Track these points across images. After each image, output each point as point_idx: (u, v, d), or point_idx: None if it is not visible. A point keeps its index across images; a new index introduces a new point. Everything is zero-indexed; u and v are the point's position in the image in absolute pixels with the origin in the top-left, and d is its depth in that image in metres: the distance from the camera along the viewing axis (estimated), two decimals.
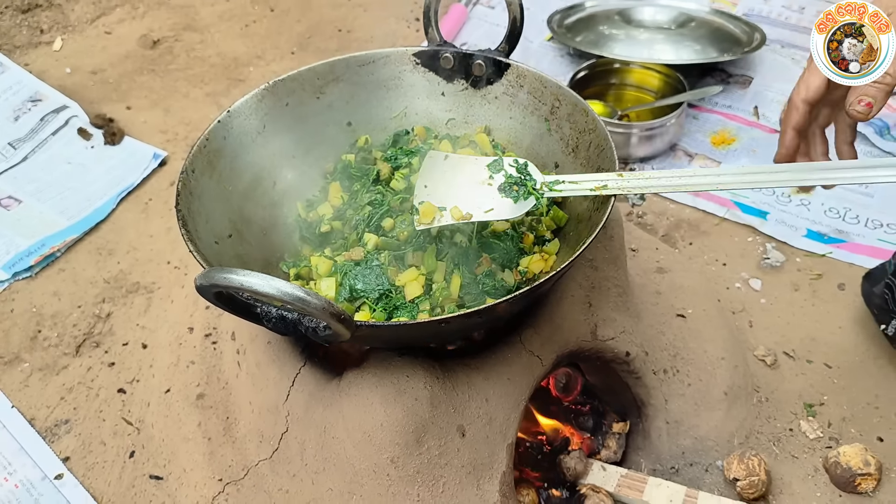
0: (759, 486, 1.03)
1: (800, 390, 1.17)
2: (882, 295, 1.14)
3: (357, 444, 0.88)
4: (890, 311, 1.14)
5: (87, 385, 1.23)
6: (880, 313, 1.17)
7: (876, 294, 1.16)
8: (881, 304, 1.15)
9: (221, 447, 1.06)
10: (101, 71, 1.91)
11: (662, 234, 1.45)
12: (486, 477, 0.92)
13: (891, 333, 1.15)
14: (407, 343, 0.90)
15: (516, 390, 0.94)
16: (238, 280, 0.66)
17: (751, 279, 1.35)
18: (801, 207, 1.48)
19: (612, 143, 0.94)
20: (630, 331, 1.07)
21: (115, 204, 1.55)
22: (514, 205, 0.90)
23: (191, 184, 0.93)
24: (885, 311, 1.15)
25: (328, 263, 0.94)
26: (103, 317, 1.34)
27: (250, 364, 1.04)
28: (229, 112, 1.02)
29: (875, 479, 1.04)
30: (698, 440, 1.10)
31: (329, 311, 0.68)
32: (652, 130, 1.56)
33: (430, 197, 0.91)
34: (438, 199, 0.91)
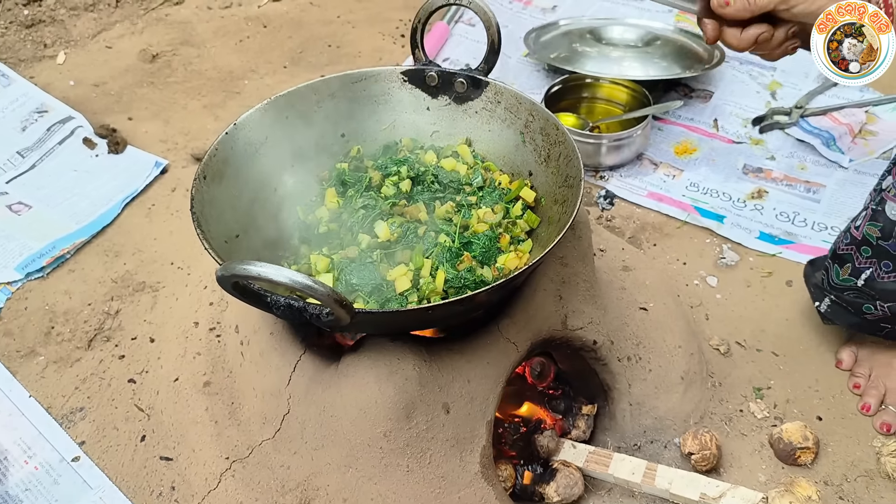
0: (711, 458, 1.14)
1: (749, 376, 1.29)
2: (820, 276, 1.26)
3: (353, 420, 0.98)
4: (824, 289, 1.24)
5: (100, 376, 1.32)
6: (816, 291, 1.27)
7: (815, 275, 1.28)
8: (817, 283, 1.26)
9: (228, 429, 1.13)
10: (104, 83, 1.98)
11: (629, 236, 1.57)
12: (468, 450, 1.02)
13: (822, 310, 1.26)
14: (398, 329, 1.00)
15: (495, 372, 1.04)
16: (255, 271, 0.76)
17: (708, 277, 1.47)
18: (755, 212, 1.61)
19: (578, 154, 1.04)
20: (597, 321, 1.18)
21: (120, 209, 1.62)
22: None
23: (203, 189, 1.01)
24: (819, 289, 1.25)
25: (326, 261, 1.02)
26: (112, 313, 1.42)
27: (254, 353, 1.13)
28: (236, 125, 1.10)
29: (813, 453, 1.16)
30: (658, 420, 1.21)
31: (333, 297, 0.78)
32: (620, 141, 1.68)
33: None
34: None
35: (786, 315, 1.38)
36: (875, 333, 1.23)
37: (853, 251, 1.16)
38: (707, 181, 1.68)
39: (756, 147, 1.76)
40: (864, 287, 1.16)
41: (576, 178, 1.03)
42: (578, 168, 1.03)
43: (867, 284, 1.15)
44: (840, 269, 1.19)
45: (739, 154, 1.74)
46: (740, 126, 1.81)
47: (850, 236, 1.17)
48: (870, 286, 1.15)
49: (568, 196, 1.05)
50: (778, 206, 1.61)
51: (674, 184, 1.68)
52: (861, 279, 1.16)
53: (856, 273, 1.16)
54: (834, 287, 1.21)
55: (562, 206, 1.06)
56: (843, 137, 1.71)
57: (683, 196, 1.64)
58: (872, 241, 1.12)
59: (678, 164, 1.73)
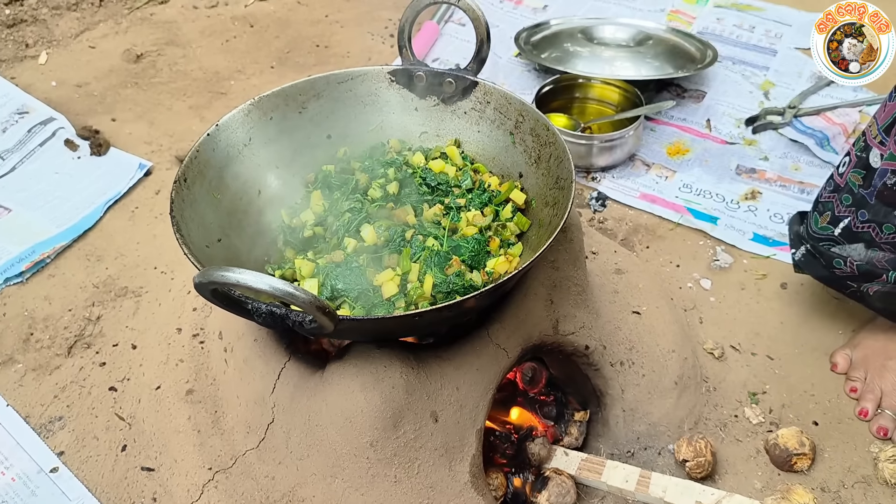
0: (706, 465, 1.12)
1: (744, 380, 1.27)
2: (802, 223, 1.24)
3: (339, 429, 0.95)
4: (802, 237, 1.22)
5: (80, 384, 1.29)
6: (794, 239, 1.25)
7: (797, 223, 1.26)
8: (797, 230, 1.25)
9: (211, 438, 1.12)
10: (86, 84, 1.95)
11: (622, 239, 1.55)
12: (457, 459, 1.00)
13: (796, 258, 1.25)
14: (385, 336, 0.98)
15: (485, 379, 1.02)
16: (234, 277, 0.74)
17: (701, 279, 1.45)
18: (749, 213, 1.59)
19: (569, 155, 1.02)
20: (589, 326, 1.16)
21: (102, 212, 1.60)
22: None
23: (183, 192, 0.99)
24: (798, 237, 1.24)
25: (311, 266, 1.00)
26: (93, 319, 1.39)
27: (237, 360, 1.11)
28: (217, 126, 1.08)
29: (809, 459, 1.14)
30: (652, 426, 1.19)
31: (315, 305, 0.76)
32: (612, 142, 1.66)
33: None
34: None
35: (780, 318, 1.37)
36: (840, 290, 1.22)
37: (834, 199, 1.14)
38: (700, 182, 1.66)
39: (749, 147, 1.75)
40: (839, 236, 1.14)
41: (567, 180, 1.01)
42: (569, 169, 1.01)
43: (843, 234, 1.13)
44: (819, 217, 1.17)
45: (733, 155, 1.73)
46: (733, 126, 1.80)
47: (832, 183, 1.15)
48: (845, 236, 1.13)
49: (559, 198, 1.03)
50: (772, 208, 1.59)
51: (666, 185, 1.66)
52: (839, 228, 1.13)
53: (834, 221, 1.14)
54: (812, 235, 1.19)
55: (553, 209, 1.04)
56: (836, 137, 1.70)
57: (676, 197, 1.62)
58: (854, 188, 1.09)
59: (671, 165, 1.71)
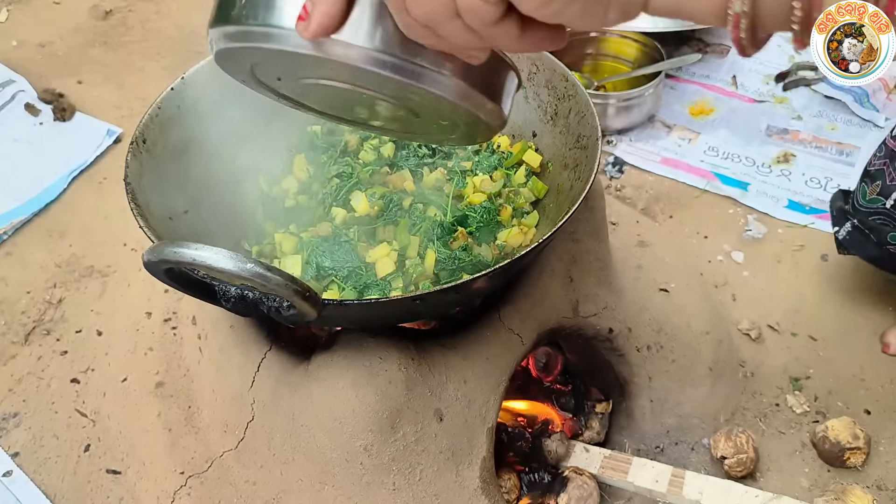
0: (748, 463, 1.00)
1: (785, 364, 1.15)
2: (846, 199, 1.14)
3: (327, 431, 0.83)
4: (847, 213, 1.12)
5: (38, 375, 1.17)
6: (838, 216, 1.14)
7: (840, 199, 1.15)
8: (842, 206, 1.14)
9: (183, 438, 1.00)
10: (50, 44, 1.83)
11: (642, 208, 1.42)
12: (465, 463, 0.88)
13: (840, 237, 1.13)
14: (379, 323, 0.86)
15: (496, 371, 0.90)
16: (190, 254, 0.60)
17: (733, 252, 1.32)
18: (782, 178, 1.45)
19: (593, 109, 0.90)
20: (612, 306, 1.04)
21: (66, 183, 1.49)
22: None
23: (141, 155, 0.88)
24: (842, 213, 1.13)
25: (293, 240, 0.90)
26: (55, 303, 1.27)
27: (212, 349, 0.99)
28: (183, 79, 0.97)
29: (864, 453, 1.02)
30: (683, 418, 1.07)
31: (292, 288, 0.62)
32: (630, 101, 1.52)
33: None
34: None
35: (822, 294, 1.24)
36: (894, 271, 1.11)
37: (886, 166, 1.04)
38: (727, 145, 1.54)
39: (780, 106, 1.62)
40: (892, 209, 1.04)
41: (590, 138, 0.90)
42: (594, 125, 0.89)
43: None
44: (868, 188, 1.07)
45: (762, 114, 1.60)
46: (762, 83, 1.67)
47: (884, 148, 1.05)
48: None
49: (581, 159, 0.91)
50: (807, 172, 1.47)
51: (690, 148, 1.53)
52: (891, 199, 1.04)
53: (886, 192, 1.04)
54: (859, 209, 1.09)
55: (573, 172, 0.93)
56: (877, 93, 1.57)
57: (701, 162, 1.50)
58: None
59: (694, 127, 1.59)
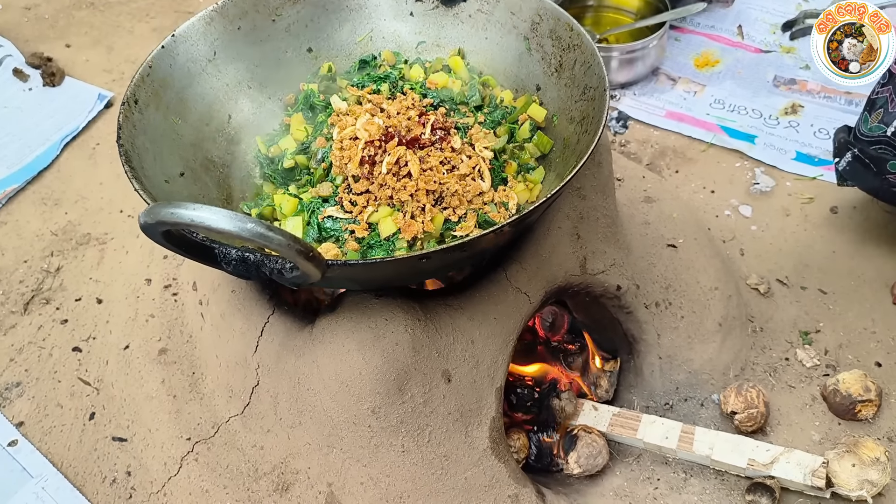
0: (759, 418, 0.99)
1: (794, 318, 1.13)
2: (848, 132, 1.13)
3: (334, 395, 0.82)
4: (848, 143, 1.11)
5: (39, 345, 1.16)
6: (839, 147, 1.14)
7: (843, 132, 1.15)
8: (843, 137, 1.13)
9: (188, 404, 1.00)
10: (36, 6, 1.78)
11: (647, 163, 1.39)
12: (474, 423, 0.87)
13: (840, 167, 1.13)
14: (384, 283, 0.83)
15: (503, 330, 0.88)
16: (188, 215, 0.58)
17: (740, 206, 1.29)
18: (790, 129, 1.42)
19: (600, 59, 0.87)
20: (620, 263, 1.02)
21: (58, 150, 1.46)
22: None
23: (134, 116, 0.85)
24: (843, 144, 1.12)
25: (293, 202, 0.87)
26: (52, 271, 1.24)
27: (214, 315, 0.97)
28: (174, 36, 0.94)
29: (875, 406, 1.01)
30: (692, 374, 1.06)
31: (295, 248, 0.60)
32: (633, 53, 1.48)
33: None
34: None
35: (832, 247, 1.22)
36: (894, 202, 1.11)
37: (889, 93, 1.03)
38: (733, 97, 1.51)
39: (787, 56, 1.58)
40: (893, 137, 1.02)
41: (598, 89, 0.87)
42: (601, 75, 0.86)
43: None
44: (870, 116, 1.06)
45: (769, 65, 1.57)
46: (768, 33, 1.63)
47: (888, 74, 1.03)
48: None
49: (588, 111, 0.88)
50: (816, 122, 1.44)
51: (695, 101, 1.50)
52: (892, 126, 1.02)
53: (888, 119, 1.03)
54: (860, 138, 1.08)
55: (580, 125, 0.90)
56: None
57: (707, 115, 1.47)
58: None
59: (699, 79, 1.55)
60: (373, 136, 0.85)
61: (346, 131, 0.87)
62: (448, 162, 0.85)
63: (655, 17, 1.53)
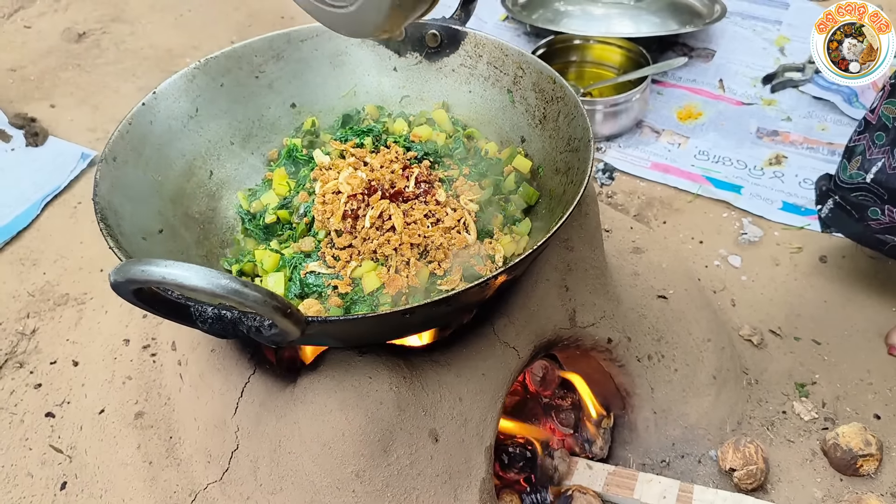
0: (758, 475, 0.95)
1: (789, 369, 1.11)
2: (829, 180, 1.14)
3: (315, 457, 0.78)
4: (829, 190, 1.12)
5: (10, 411, 1.11)
6: (821, 196, 1.15)
7: (824, 180, 1.16)
8: (824, 185, 1.14)
9: (164, 471, 0.95)
10: (21, 68, 1.78)
11: (635, 214, 1.38)
12: (463, 485, 0.83)
13: (823, 215, 1.14)
14: (368, 340, 0.80)
15: (492, 386, 0.85)
16: (159, 272, 0.55)
17: (730, 256, 1.28)
18: (775, 180, 1.43)
19: (583, 110, 0.87)
20: (610, 315, 0.99)
21: (39, 209, 1.43)
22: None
23: (112, 174, 0.83)
24: (824, 193, 1.13)
25: (275, 257, 0.85)
26: (28, 333, 1.21)
27: (193, 375, 0.94)
28: (155, 94, 0.92)
29: (877, 460, 0.97)
30: (688, 429, 1.03)
31: (272, 305, 0.58)
32: (617, 106, 1.49)
33: None
34: None
35: (823, 296, 1.21)
36: (877, 248, 1.10)
37: (866, 140, 1.04)
38: (717, 148, 1.51)
39: (769, 108, 1.60)
40: (872, 184, 1.03)
41: (582, 140, 0.86)
42: (584, 126, 0.85)
43: (876, 180, 1.03)
44: (848, 164, 1.07)
45: (751, 116, 1.58)
46: (749, 86, 1.64)
47: (863, 123, 1.06)
48: (879, 182, 1.02)
49: (573, 162, 0.87)
50: (800, 173, 1.44)
51: (680, 153, 1.50)
52: (871, 173, 1.03)
53: (865, 166, 1.04)
54: (840, 185, 1.08)
55: (565, 176, 0.89)
56: (866, 92, 1.55)
57: (693, 166, 1.47)
58: (889, 122, 1.01)
59: (683, 131, 1.56)
60: (356, 190, 0.83)
61: (328, 185, 0.86)
62: (433, 215, 0.84)
63: (637, 72, 1.55)
